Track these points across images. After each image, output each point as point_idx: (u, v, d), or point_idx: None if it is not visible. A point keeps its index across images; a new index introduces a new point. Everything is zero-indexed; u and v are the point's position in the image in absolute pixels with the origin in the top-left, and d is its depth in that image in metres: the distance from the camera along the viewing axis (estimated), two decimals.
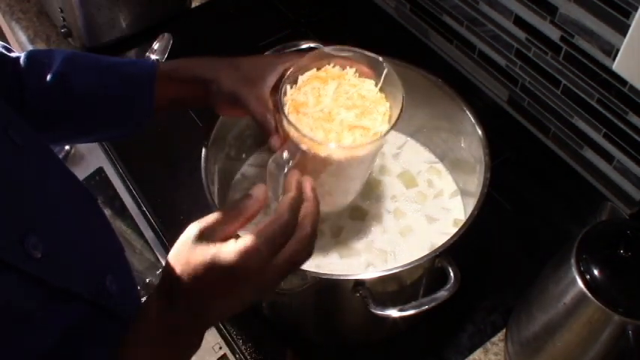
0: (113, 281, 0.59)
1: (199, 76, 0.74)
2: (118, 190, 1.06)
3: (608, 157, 0.97)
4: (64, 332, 0.51)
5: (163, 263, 0.58)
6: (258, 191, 0.58)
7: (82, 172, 1.10)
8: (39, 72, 0.72)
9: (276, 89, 0.72)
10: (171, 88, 0.75)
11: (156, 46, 1.24)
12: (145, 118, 0.76)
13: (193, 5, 1.35)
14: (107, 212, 1.04)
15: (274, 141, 0.71)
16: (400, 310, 0.70)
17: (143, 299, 0.58)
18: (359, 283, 0.71)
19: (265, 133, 0.71)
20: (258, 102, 0.71)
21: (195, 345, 0.57)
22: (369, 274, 0.73)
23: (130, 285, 0.69)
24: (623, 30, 0.82)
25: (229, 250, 0.53)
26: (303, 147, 0.69)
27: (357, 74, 0.75)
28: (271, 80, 0.72)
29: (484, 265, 0.93)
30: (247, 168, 0.96)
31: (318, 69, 0.75)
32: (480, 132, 0.83)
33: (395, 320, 0.81)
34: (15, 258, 0.48)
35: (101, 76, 0.74)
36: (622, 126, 0.91)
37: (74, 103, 0.73)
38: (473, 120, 0.84)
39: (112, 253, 0.66)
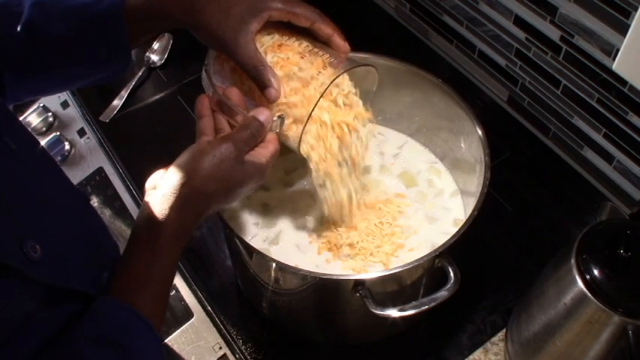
0: (108, 278, 0.60)
1: (174, 16, 0.70)
2: (117, 190, 1.06)
3: (608, 157, 0.97)
4: (62, 327, 0.52)
5: None
6: (264, 115, 0.67)
7: (82, 172, 1.10)
8: (9, 22, 0.69)
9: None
10: (144, 24, 0.72)
11: (156, 46, 1.25)
12: (125, 54, 0.73)
13: None
14: (107, 212, 1.04)
15: (270, 93, 0.69)
16: (400, 310, 0.69)
17: None
18: (359, 283, 0.71)
19: (259, 85, 0.69)
20: (246, 51, 0.68)
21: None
22: (369, 274, 0.73)
23: None
24: (623, 30, 0.82)
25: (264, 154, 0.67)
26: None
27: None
28: (255, 27, 0.69)
29: (484, 265, 0.93)
30: None
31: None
32: (479, 132, 0.83)
33: (395, 320, 0.81)
34: (16, 262, 0.48)
35: (70, 21, 0.70)
36: (622, 126, 0.91)
37: (47, 51, 0.71)
38: (473, 120, 0.84)
39: (108, 252, 0.67)
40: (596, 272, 0.64)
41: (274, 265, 0.73)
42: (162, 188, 0.61)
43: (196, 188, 0.61)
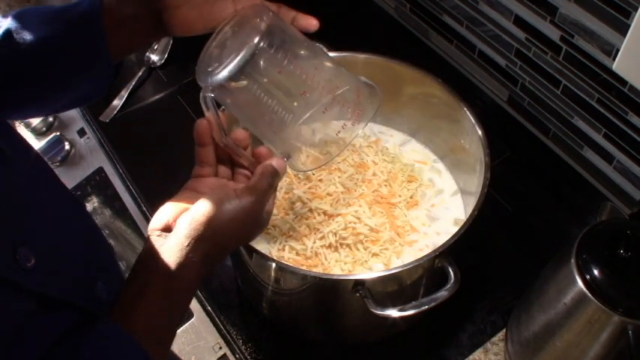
0: (103, 288, 0.59)
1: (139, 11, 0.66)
2: (118, 190, 1.06)
3: (608, 157, 0.97)
4: (56, 339, 0.51)
5: None
6: (279, 164, 0.66)
7: (82, 172, 1.10)
8: None
9: None
10: (127, 26, 0.67)
11: (156, 46, 1.25)
12: (106, 60, 0.67)
13: None
14: (107, 212, 1.04)
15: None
16: (400, 310, 0.70)
17: None
18: (359, 283, 0.71)
19: None
20: None
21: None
22: (369, 274, 0.73)
23: (120, 289, 0.68)
24: (623, 30, 0.82)
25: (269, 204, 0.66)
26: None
27: None
28: None
29: (484, 265, 0.93)
30: None
31: None
32: (479, 132, 0.83)
33: (395, 320, 0.81)
34: (8, 271, 0.48)
35: (46, 27, 0.66)
36: (622, 126, 0.91)
37: (23, 60, 0.66)
38: (473, 120, 0.84)
39: (102, 259, 0.66)
40: (596, 272, 0.64)
41: (274, 265, 0.73)
42: (182, 236, 0.59)
43: (219, 244, 0.61)
